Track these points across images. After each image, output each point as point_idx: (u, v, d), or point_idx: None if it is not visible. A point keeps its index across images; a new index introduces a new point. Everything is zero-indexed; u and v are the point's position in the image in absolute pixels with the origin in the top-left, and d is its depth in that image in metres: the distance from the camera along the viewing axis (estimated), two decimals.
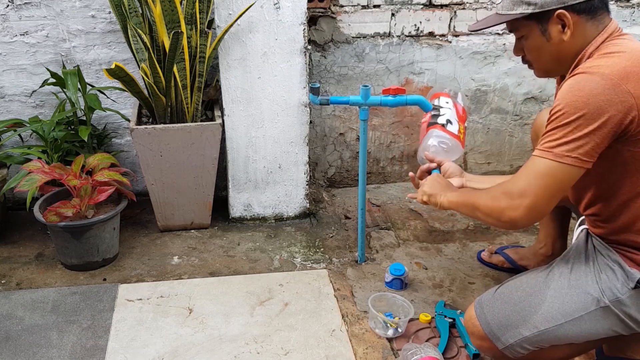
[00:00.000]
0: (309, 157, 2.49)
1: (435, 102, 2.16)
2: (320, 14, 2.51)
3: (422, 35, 2.61)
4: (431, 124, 2.05)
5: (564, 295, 1.44)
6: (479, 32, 1.60)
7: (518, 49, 1.51)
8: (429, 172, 1.82)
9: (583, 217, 1.60)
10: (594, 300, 1.42)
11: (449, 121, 2.05)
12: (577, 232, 1.64)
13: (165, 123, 2.29)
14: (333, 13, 2.52)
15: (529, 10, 1.39)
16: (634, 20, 2.73)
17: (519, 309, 1.47)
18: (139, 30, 2.15)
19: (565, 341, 1.47)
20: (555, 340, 1.47)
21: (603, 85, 1.28)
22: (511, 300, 1.50)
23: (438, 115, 2.08)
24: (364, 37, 2.58)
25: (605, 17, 1.40)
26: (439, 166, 1.83)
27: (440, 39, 2.63)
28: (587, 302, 1.43)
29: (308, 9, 2.28)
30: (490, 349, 1.53)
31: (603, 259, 1.46)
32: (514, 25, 1.46)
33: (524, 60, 1.52)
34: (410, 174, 1.83)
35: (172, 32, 2.04)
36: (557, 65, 1.47)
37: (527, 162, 1.38)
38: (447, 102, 2.15)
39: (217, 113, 2.38)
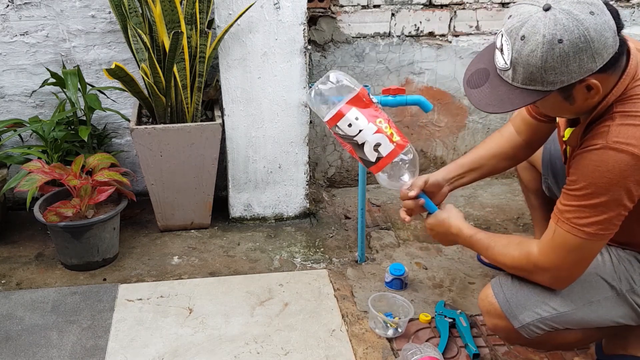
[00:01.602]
0: (309, 157, 2.49)
1: (340, 131, 1.62)
2: (320, 14, 2.51)
3: (422, 35, 2.61)
4: (368, 165, 1.64)
5: (584, 281, 1.45)
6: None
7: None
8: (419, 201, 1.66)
9: None
10: (611, 287, 1.46)
11: (377, 145, 1.60)
12: None
13: (165, 123, 2.29)
14: (333, 13, 2.52)
15: (551, 88, 1.23)
16: (634, 20, 2.73)
17: (539, 290, 1.48)
18: (139, 30, 2.15)
19: (581, 325, 1.50)
20: (571, 323, 1.49)
21: (633, 165, 1.24)
22: (531, 282, 1.50)
23: (361, 147, 1.61)
24: (364, 37, 2.58)
25: (624, 58, 1.28)
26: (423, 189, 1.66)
27: (440, 39, 2.63)
28: (605, 288, 1.46)
29: (308, 9, 2.28)
30: (505, 328, 1.53)
31: (622, 252, 1.49)
32: None
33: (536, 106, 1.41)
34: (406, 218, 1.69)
35: (172, 32, 2.04)
36: (575, 117, 1.40)
37: (554, 233, 1.36)
38: (351, 124, 1.60)
39: (217, 113, 2.38)
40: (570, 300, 1.46)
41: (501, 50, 1.27)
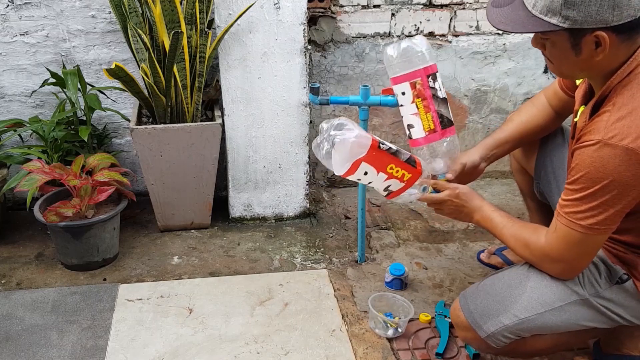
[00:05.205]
0: (309, 157, 2.48)
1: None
2: (320, 14, 2.51)
3: (422, 35, 2.60)
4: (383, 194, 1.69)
5: (544, 287, 1.47)
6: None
7: (539, 44, 1.38)
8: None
9: None
10: (573, 292, 1.46)
11: (388, 186, 1.65)
12: None
13: (165, 123, 2.29)
14: (333, 13, 2.52)
15: (565, 25, 1.26)
16: None
17: (500, 299, 1.50)
18: (139, 30, 2.15)
19: (546, 330, 1.50)
20: (536, 330, 1.49)
21: (627, 161, 1.25)
22: (493, 291, 1.53)
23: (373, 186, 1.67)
24: (364, 37, 2.58)
25: (638, 37, 1.30)
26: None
27: (441, 39, 2.63)
28: (567, 293, 1.46)
29: (308, 9, 2.28)
30: (474, 339, 1.56)
31: None
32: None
33: (543, 53, 1.41)
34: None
35: (172, 32, 2.04)
36: (579, 74, 1.42)
37: (557, 228, 1.39)
38: (360, 179, 1.64)
39: (217, 113, 2.38)
40: (532, 306, 1.46)
41: None
